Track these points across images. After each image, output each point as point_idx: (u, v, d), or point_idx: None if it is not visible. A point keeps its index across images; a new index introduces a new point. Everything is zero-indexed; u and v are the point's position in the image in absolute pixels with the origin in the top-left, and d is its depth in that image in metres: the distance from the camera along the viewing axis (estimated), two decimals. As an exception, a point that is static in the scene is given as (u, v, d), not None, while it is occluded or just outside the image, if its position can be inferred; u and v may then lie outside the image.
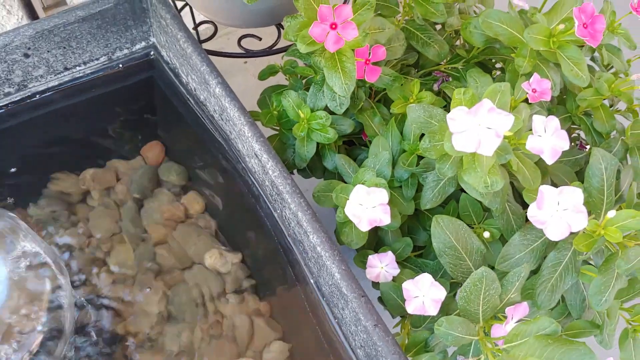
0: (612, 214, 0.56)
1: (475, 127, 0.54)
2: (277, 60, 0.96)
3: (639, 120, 0.72)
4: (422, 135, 0.72)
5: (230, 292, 0.80)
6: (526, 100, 0.69)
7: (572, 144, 0.86)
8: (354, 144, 0.89)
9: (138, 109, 0.91)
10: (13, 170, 0.86)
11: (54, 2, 1.37)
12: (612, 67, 0.86)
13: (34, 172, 0.86)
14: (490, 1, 0.93)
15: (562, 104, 0.79)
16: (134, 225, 0.85)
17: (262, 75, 0.91)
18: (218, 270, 0.82)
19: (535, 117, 0.58)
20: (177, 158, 0.88)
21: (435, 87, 0.86)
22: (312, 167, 0.84)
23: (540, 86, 0.67)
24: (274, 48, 0.94)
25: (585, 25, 0.66)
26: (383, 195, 0.63)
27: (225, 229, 0.84)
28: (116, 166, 0.89)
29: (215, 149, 0.84)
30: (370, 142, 0.78)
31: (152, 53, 0.87)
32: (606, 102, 0.82)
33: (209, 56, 0.76)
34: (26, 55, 0.78)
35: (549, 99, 0.67)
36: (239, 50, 0.94)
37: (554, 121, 0.59)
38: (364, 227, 0.62)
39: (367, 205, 0.63)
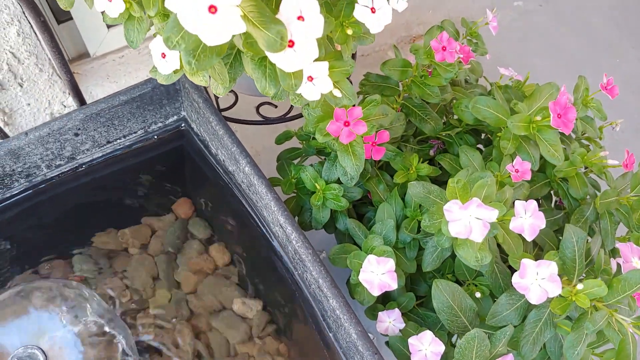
0: (580, 286, 0.68)
1: (467, 217, 0.66)
2: (291, 125, 1.08)
3: (607, 192, 0.84)
4: (420, 205, 0.84)
5: (254, 335, 0.92)
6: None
7: (552, 202, 0.98)
8: (361, 201, 1.01)
9: (170, 173, 1.03)
10: (60, 229, 0.98)
11: (77, 55, 1.49)
12: (585, 133, 0.98)
13: (79, 231, 0.98)
14: (478, 71, 1.05)
15: (542, 171, 0.91)
16: (168, 276, 0.97)
17: (279, 140, 1.03)
18: (243, 315, 0.93)
19: (517, 202, 0.70)
20: (205, 214, 1.00)
21: (431, 152, 0.98)
22: (325, 225, 0.96)
23: (522, 167, 0.79)
24: (288, 115, 1.06)
25: (559, 116, 0.78)
26: (391, 264, 0.75)
27: (248, 279, 0.96)
28: (151, 222, 1.01)
29: (240, 210, 0.96)
30: (377, 206, 0.90)
31: (182, 125, 0.98)
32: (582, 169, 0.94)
33: (230, 123, 0.88)
34: (76, 135, 0.90)
35: (529, 178, 0.79)
36: (257, 117, 1.06)
37: (532, 204, 0.71)
38: (375, 292, 0.74)
39: (378, 273, 0.75)
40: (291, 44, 0.52)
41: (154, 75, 0.68)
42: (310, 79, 0.59)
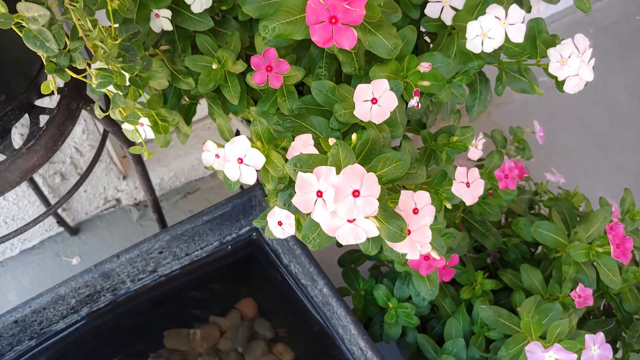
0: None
1: (548, 358, 0.72)
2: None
3: (661, 312, 0.91)
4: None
5: None
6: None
7: (601, 305, 1.05)
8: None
9: (239, 276, 1.09)
10: (136, 334, 1.04)
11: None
12: (632, 242, 1.04)
13: (153, 335, 1.04)
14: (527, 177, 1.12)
15: (597, 285, 0.97)
16: (238, 377, 1.03)
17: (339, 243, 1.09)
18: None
19: (586, 337, 0.77)
20: (271, 315, 1.06)
21: (489, 260, 1.05)
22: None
23: (584, 293, 0.85)
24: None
25: (618, 246, 0.84)
26: (468, 389, 0.81)
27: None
28: (219, 322, 1.07)
29: (309, 317, 1.02)
30: (441, 316, 0.96)
31: (254, 234, 1.05)
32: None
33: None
34: (160, 252, 0.96)
35: (591, 304, 0.85)
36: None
37: (600, 337, 0.78)
38: (455, 417, 0.80)
39: (456, 397, 0.81)
40: (408, 232, 0.59)
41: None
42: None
